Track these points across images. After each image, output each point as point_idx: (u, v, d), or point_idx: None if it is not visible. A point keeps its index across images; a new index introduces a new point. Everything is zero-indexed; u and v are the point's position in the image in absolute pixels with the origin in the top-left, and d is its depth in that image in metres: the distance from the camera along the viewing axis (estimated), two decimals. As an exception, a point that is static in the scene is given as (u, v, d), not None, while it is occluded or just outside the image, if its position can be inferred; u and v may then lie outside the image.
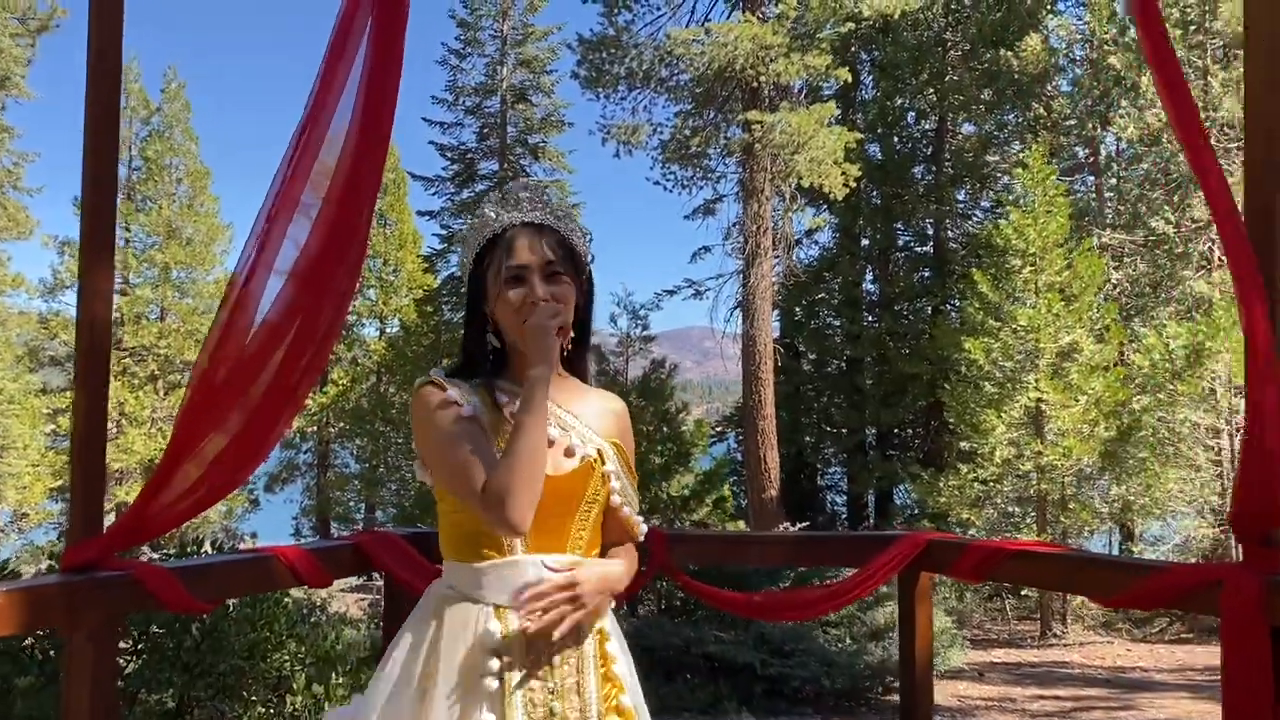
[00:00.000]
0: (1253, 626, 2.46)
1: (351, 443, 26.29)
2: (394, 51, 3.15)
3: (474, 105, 26.22)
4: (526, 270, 1.83)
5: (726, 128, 18.78)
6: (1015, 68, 20.56)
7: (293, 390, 2.96)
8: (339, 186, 3.00)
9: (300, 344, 2.93)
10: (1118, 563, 3.27)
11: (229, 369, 2.73)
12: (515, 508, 1.65)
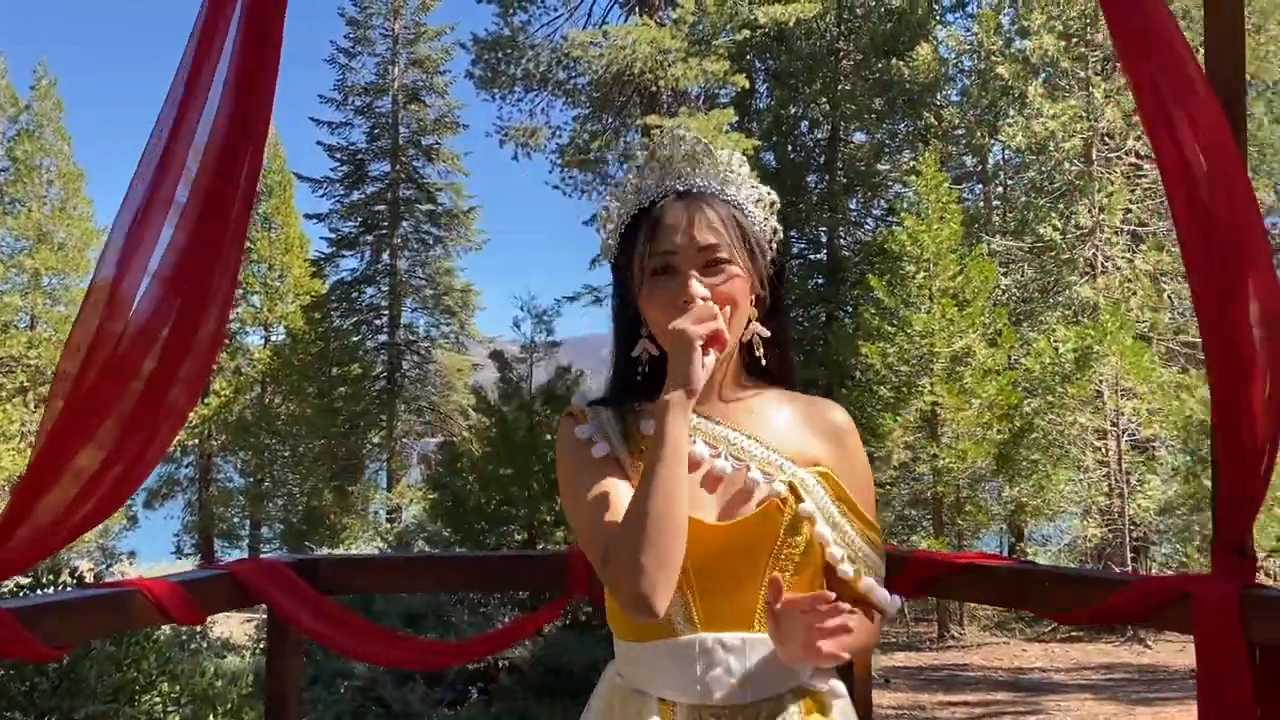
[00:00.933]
0: (1229, 644, 2.30)
1: (235, 456, 25.23)
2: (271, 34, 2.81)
3: (364, 105, 25.52)
4: (675, 257, 1.38)
5: (625, 132, 18.60)
6: (906, 77, 20.92)
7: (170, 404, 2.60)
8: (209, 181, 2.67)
9: (176, 352, 2.59)
10: (1073, 576, 3.08)
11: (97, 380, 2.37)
12: (636, 583, 1.23)
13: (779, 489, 1.37)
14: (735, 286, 1.39)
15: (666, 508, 1.23)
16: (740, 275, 1.40)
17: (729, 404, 1.45)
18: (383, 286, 25.54)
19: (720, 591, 1.34)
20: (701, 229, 1.38)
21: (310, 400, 23.65)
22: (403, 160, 25.35)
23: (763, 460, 1.40)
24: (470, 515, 8.55)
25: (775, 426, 1.44)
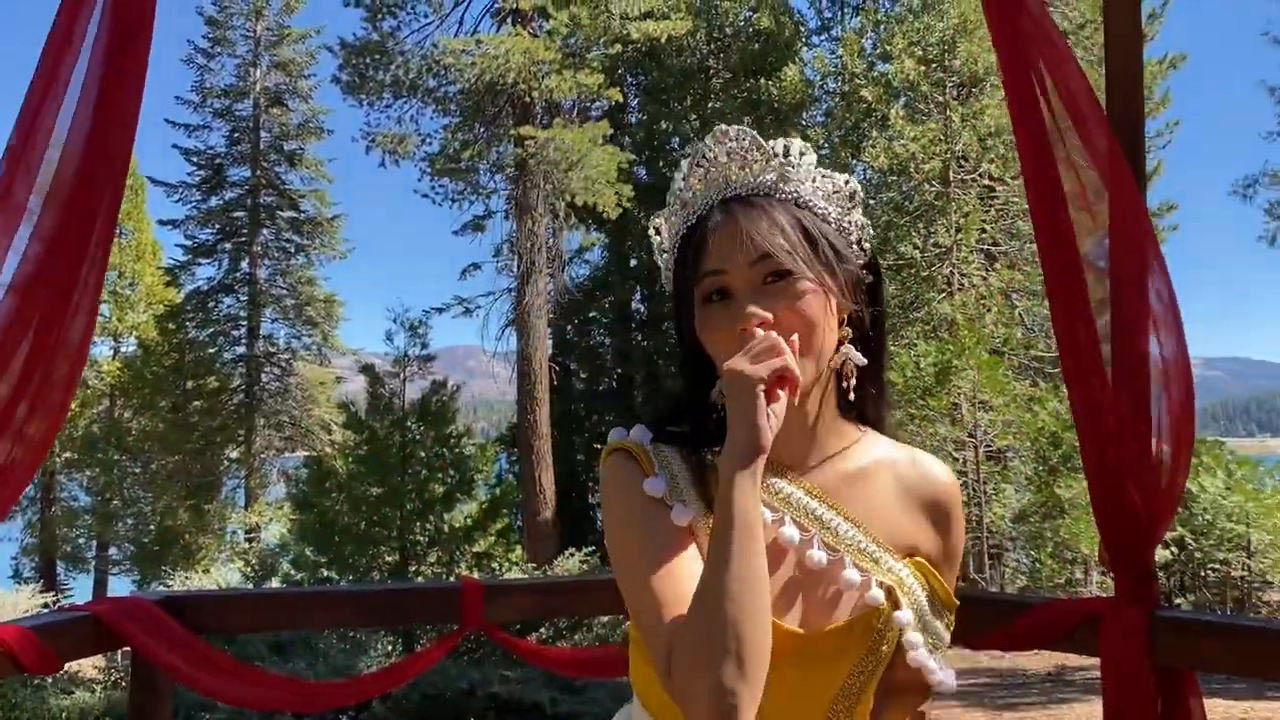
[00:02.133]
0: (1137, 667, 2.33)
1: (81, 474, 23.79)
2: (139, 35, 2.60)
3: (223, 108, 24.51)
4: (726, 277, 1.15)
5: (498, 143, 18.38)
6: (774, 96, 21.38)
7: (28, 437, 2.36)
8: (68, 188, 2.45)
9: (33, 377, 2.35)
10: (984, 599, 3.10)
11: None
12: (716, 701, 0.97)
13: (877, 596, 1.15)
14: (808, 304, 1.13)
15: (744, 605, 0.98)
16: (813, 289, 1.14)
17: (824, 466, 1.20)
18: (241, 296, 24.53)
19: (781, 707, 1.10)
20: (756, 239, 1.13)
21: (163, 414, 22.50)
22: (264, 165, 24.43)
23: (860, 551, 1.17)
24: (339, 536, 8.21)
25: (877, 501, 1.21)
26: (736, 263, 1.13)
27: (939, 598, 1.23)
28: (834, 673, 1.15)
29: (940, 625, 1.24)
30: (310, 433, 23.90)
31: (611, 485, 1.16)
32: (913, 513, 1.22)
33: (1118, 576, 2.48)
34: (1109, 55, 2.64)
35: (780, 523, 1.15)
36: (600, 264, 23.70)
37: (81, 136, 2.51)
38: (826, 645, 1.13)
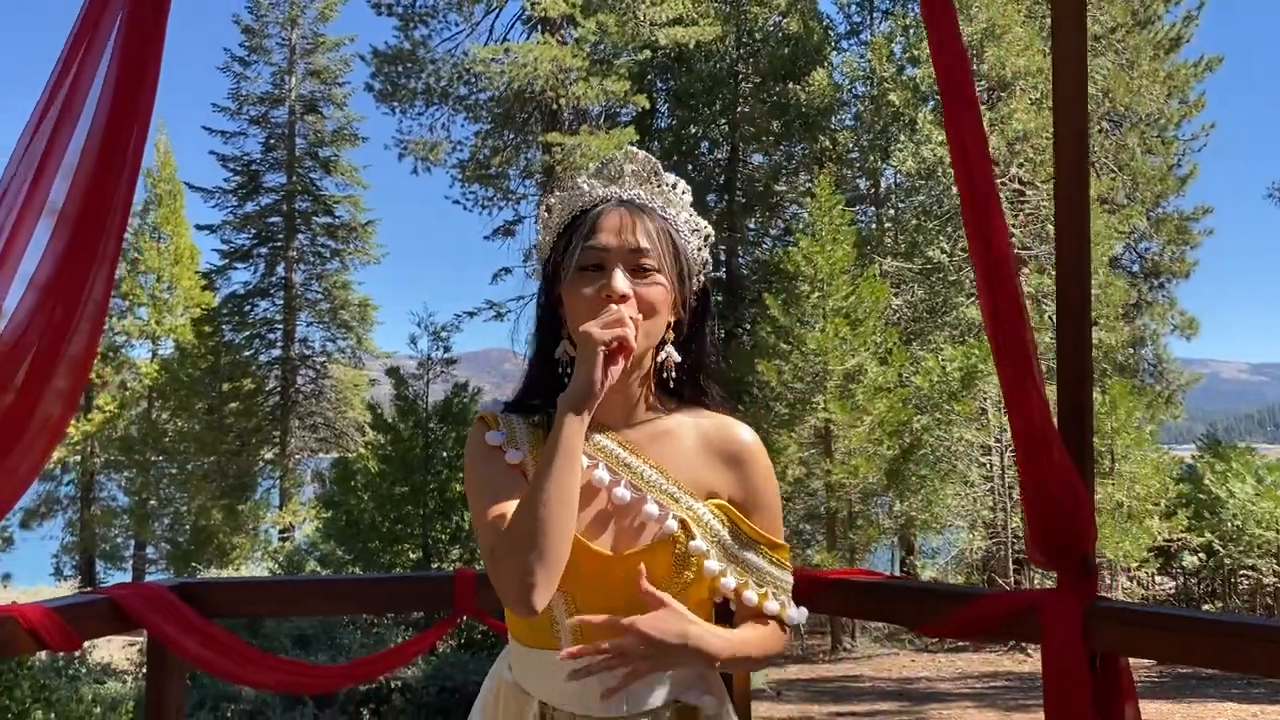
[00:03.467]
0: (1072, 653, 2.47)
1: (119, 474, 24.31)
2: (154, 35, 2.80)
3: (259, 115, 24.98)
4: (606, 254, 1.37)
5: (527, 149, 18.64)
6: (803, 101, 21.44)
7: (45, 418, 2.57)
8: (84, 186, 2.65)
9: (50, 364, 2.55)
10: (936, 591, 3.26)
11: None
12: (518, 581, 1.24)
13: (671, 526, 1.37)
14: (656, 295, 1.38)
15: (553, 512, 1.24)
16: (664, 287, 1.39)
17: (638, 427, 1.45)
18: (277, 300, 24.99)
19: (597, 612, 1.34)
20: (638, 234, 1.38)
21: (199, 416, 22.95)
22: (299, 172, 24.88)
23: (661, 492, 1.40)
24: (364, 534, 8.45)
25: (679, 454, 1.44)
26: (618, 247, 1.38)
27: (746, 534, 1.44)
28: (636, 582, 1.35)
29: (757, 559, 1.45)
30: (344, 434, 24.29)
31: (468, 443, 1.46)
32: (712, 463, 1.46)
33: (1058, 571, 2.62)
34: (1056, 76, 2.79)
35: (595, 467, 1.40)
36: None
37: (98, 140, 2.71)
38: (631, 565, 1.35)
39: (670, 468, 1.42)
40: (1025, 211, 18.75)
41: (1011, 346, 2.48)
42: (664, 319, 1.41)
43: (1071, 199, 2.71)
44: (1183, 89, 22.95)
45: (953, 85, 2.66)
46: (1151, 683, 10.24)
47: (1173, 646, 2.44)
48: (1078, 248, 2.67)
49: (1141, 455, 14.94)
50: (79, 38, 2.64)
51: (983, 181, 2.65)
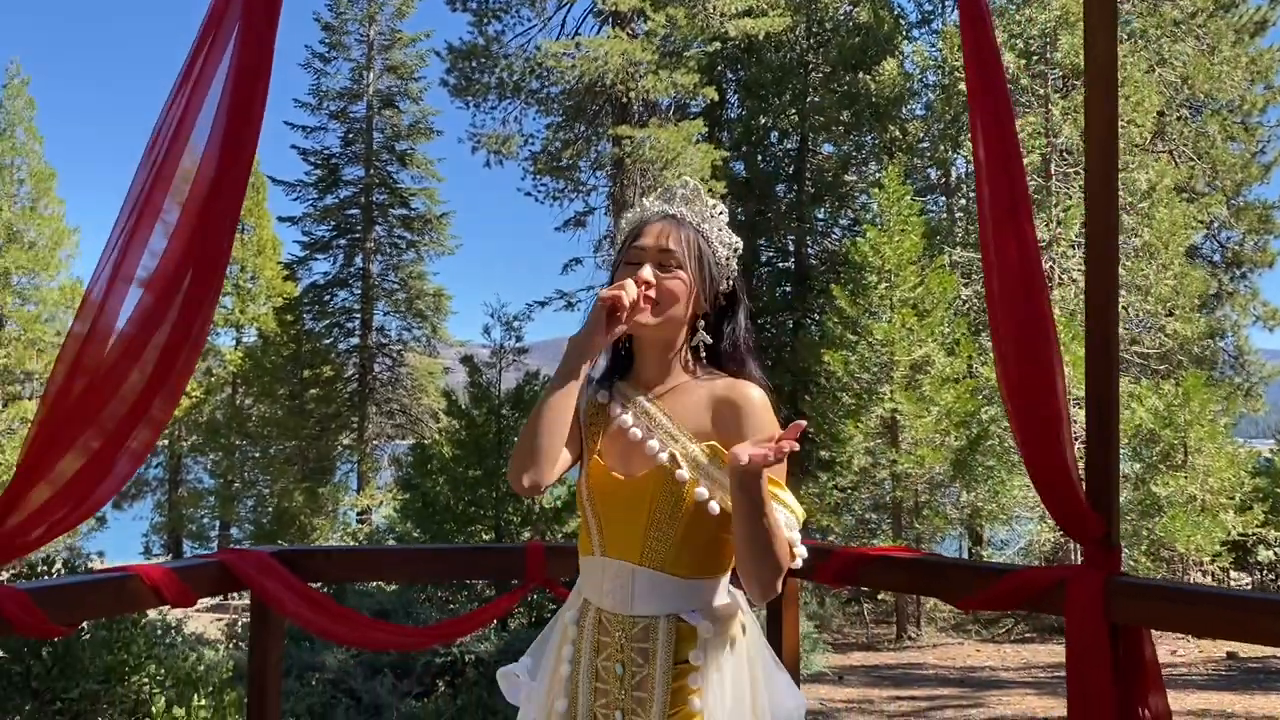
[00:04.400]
0: (1094, 624, 2.65)
1: (205, 457, 25.26)
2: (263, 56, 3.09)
3: (339, 110, 25.64)
4: (642, 253, 1.76)
5: (597, 141, 18.92)
6: (873, 91, 21.36)
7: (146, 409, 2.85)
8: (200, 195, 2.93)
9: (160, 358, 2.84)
10: (969, 566, 3.45)
11: (84, 385, 2.63)
12: (515, 463, 1.69)
13: (662, 458, 1.71)
14: (675, 286, 1.73)
15: (544, 417, 1.67)
16: (683, 281, 1.74)
17: (666, 387, 1.80)
18: (355, 290, 25.69)
19: (616, 525, 1.73)
20: (669, 240, 1.75)
21: (281, 402, 23.73)
22: (376, 165, 25.51)
23: (664, 433, 1.74)
24: (440, 515, 8.82)
25: (688, 404, 1.76)
26: (650, 247, 1.75)
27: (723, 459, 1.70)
28: (641, 507, 1.72)
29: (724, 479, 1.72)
30: (419, 420, 24.91)
31: None
32: (714, 411, 1.75)
33: (1083, 547, 2.81)
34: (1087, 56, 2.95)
35: (626, 413, 1.79)
36: (697, 259, 24.05)
37: (214, 150, 3.01)
38: (634, 487, 1.73)
39: (677, 415, 1.75)
40: (1099, 201, 18.48)
41: (1029, 329, 2.66)
42: (684, 308, 1.76)
43: (1101, 193, 2.89)
44: (1266, 74, 22.34)
45: (986, 97, 2.85)
46: (1220, 676, 10.18)
47: (1188, 619, 2.60)
48: (1106, 243, 2.85)
49: (1216, 448, 14.71)
50: (196, 52, 2.95)
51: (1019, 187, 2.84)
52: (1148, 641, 2.68)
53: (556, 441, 1.70)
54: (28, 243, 24.00)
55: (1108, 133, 2.89)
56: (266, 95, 3.11)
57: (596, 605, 1.74)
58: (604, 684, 1.71)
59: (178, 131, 2.97)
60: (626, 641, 1.70)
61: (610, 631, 1.72)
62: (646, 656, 1.69)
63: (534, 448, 1.67)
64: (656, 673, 1.68)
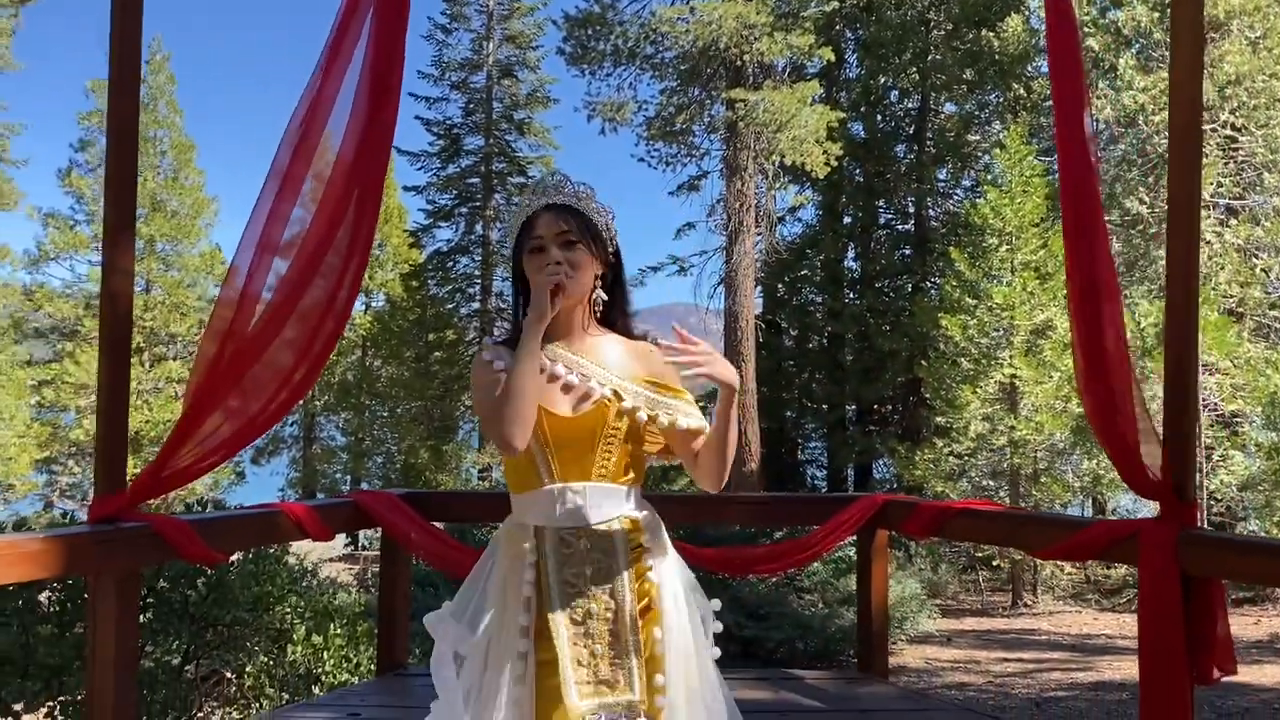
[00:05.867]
0: (1166, 573, 2.76)
1: (337, 416, 26.47)
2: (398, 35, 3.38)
3: (460, 80, 26.26)
4: (543, 239, 2.07)
5: (711, 105, 18.96)
6: (996, 48, 20.76)
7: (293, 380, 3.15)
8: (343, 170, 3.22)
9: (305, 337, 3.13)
10: (1050, 519, 3.56)
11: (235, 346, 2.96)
12: (504, 431, 1.95)
13: (605, 392, 2.07)
14: (580, 257, 2.07)
15: (521, 384, 1.96)
16: (584, 253, 2.08)
17: (583, 341, 2.13)
18: (476, 256, 26.43)
19: (570, 457, 2.04)
20: (559, 222, 2.08)
21: (408, 364, 24.67)
22: (496, 134, 26.09)
23: (599, 376, 2.09)
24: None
25: (612, 354, 2.14)
26: (548, 233, 2.08)
27: (661, 392, 2.12)
28: (590, 439, 2.06)
29: (675, 402, 2.12)
30: (536, 383, 25.55)
31: (475, 366, 2.14)
32: (634, 362, 2.14)
33: (1159, 501, 2.90)
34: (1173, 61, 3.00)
35: (555, 364, 2.09)
36: (813, 222, 23.92)
37: (357, 127, 3.29)
38: (582, 422, 2.06)
39: (606, 363, 2.12)
40: (1238, 160, 17.67)
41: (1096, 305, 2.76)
42: (589, 271, 2.10)
43: (1184, 158, 2.95)
44: None
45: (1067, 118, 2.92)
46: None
47: (1257, 570, 2.68)
48: (1189, 210, 2.91)
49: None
50: (338, 34, 3.23)
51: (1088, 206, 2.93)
52: (1218, 591, 2.78)
53: (533, 404, 1.99)
54: (170, 212, 25.35)
55: (1192, 88, 2.95)
56: (401, 75, 3.39)
57: (553, 527, 2.02)
58: (573, 587, 2.00)
59: (318, 109, 3.27)
60: (590, 545, 2.02)
61: (572, 544, 2.02)
62: (607, 552, 2.03)
63: (525, 415, 1.96)
64: (620, 561, 2.03)
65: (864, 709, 3.49)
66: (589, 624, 1.99)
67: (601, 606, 2.00)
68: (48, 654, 3.64)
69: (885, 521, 3.69)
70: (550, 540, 2.02)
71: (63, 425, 24.32)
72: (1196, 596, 2.79)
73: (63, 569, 2.79)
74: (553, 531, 2.02)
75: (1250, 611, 13.32)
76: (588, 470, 2.04)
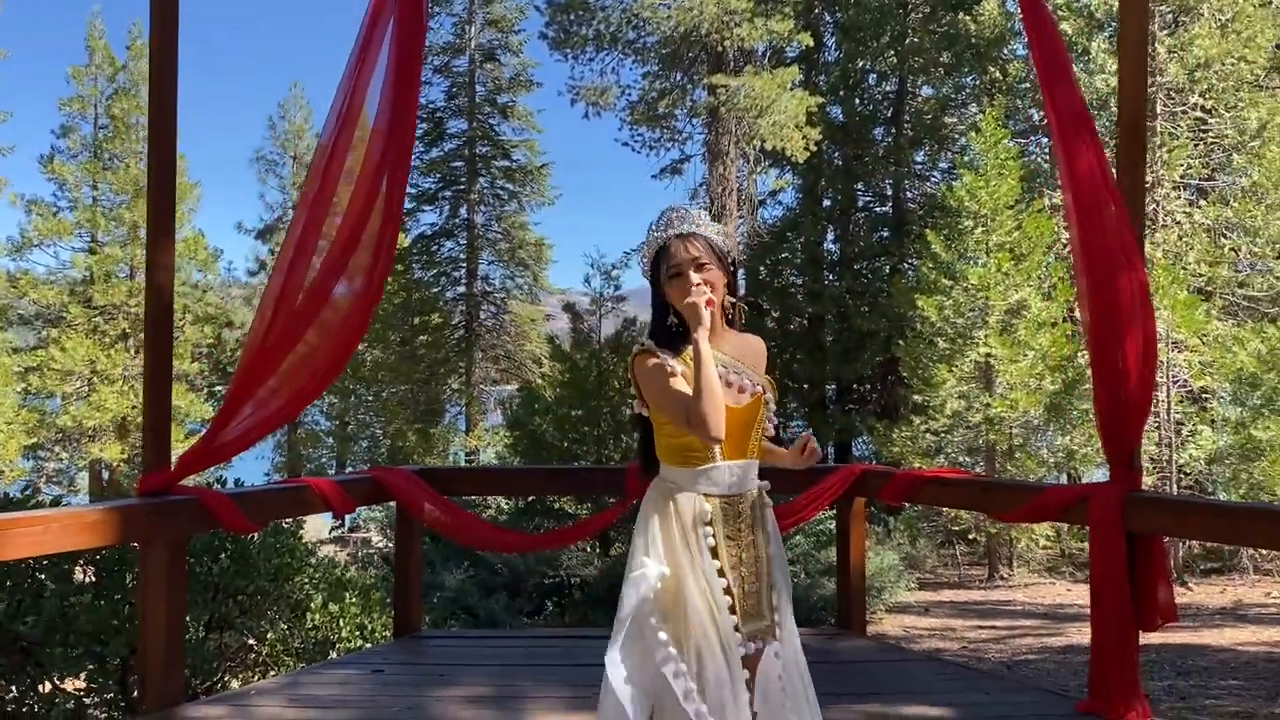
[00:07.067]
0: (1113, 532, 3.09)
1: (322, 400, 26.63)
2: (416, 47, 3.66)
3: (442, 64, 26.32)
4: (681, 266, 2.48)
5: (692, 90, 19.20)
6: (973, 31, 21.05)
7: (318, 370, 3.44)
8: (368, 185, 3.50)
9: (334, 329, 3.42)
10: (1011, 485, 3.88)
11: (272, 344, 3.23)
12: (713, 426, 2.35)
13: (759, 389, 2.55)
14: (713, 276, 2.50)
15: (713, 385, 2.36)
16: (715, 271, 2.51)
17: (723, 341, 2.55)
18: (461, 240, 26.60)
19: (734, 441, 2.47)
20: (693, 248, 2.52)
21: (394, 348, 24.85)
22: (479, 118, 26.21)
23: (749, 375, 2.56)
24: (546, 452, 9.49)
25: (745, 354, 2.60)
26: (685, 260, 2.51)
27: (774, 388, 2.63)
28: (749, 423, 2.54)
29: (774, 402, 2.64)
30: (522, 365, 25.82)
31: (645, 363, 2.51)
32: (760, 361, 2.64)
33: (1112, 466, 3.22)
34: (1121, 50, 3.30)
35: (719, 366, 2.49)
36: (793, 205, 24.20)
37: (380, 138, 3.57)
38: (745, 411, 2.53)
39: (748, 363, 2.61)
40: (1207, 141, 18.06)
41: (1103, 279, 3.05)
42: (721, 284, 2.53)
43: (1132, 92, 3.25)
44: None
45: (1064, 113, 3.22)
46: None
47: (1191, 527, 3.00)
48: (1134, 175, 3.21)
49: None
50: (365, 41, 3.51)
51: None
52: (1158, 547, 3.11)
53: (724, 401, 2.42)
54: (155, 198, 25.34)
55: (1137, 89, 3.25)
56: (420, 77, 3.69)
57: (719, 494, 2.50)
58: (734, 541, 2.50)
59: (350, 110, 3.56)
60: (741, 506, 2.52)
61: (734, 506, 2.51)
62: (753, 513, 2.55)
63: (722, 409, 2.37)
64: (759, 520, 2.56)
65: (843, 660, 3.81)
66: (741, 569, 2.47)
67: (751, 555, 2.50)
68: (87, 621, 3.91)
69: (863, 490, 4.01)
70: (716, 506, 2.48)
71: (49, 412, 24.39)
72: (1141, 552, 3.11)
73: (119, 537, 3.06)
74: (719, 498, 2.48)
75: (1217, 581, 13.80)
76: (746, 451, 2.52)
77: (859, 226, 24.34)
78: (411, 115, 3.49)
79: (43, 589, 4.00)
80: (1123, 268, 2.97)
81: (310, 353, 3.27)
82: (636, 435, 2.78)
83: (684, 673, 2.37)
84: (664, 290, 2.52)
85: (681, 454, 2.51)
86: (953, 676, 3.79)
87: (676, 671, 2.37)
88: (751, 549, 2.51)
